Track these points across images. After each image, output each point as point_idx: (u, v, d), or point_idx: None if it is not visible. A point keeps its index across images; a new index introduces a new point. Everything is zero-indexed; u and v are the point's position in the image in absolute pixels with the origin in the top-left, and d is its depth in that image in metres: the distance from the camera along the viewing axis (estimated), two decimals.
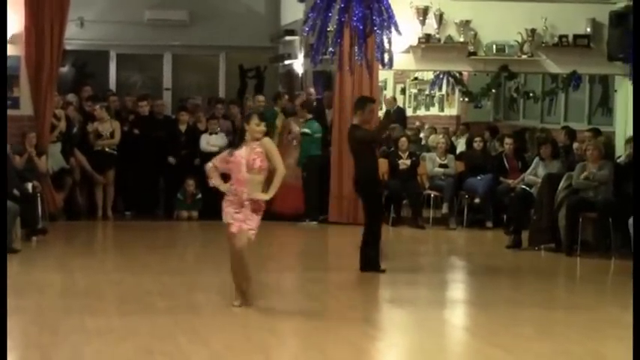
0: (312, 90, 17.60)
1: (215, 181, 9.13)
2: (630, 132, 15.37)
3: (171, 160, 15.75)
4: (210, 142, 15.80)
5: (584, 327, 8.84)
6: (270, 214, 15.26)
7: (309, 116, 15.93)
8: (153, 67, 22.60)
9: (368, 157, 11.21)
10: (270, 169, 9.00)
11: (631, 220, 11.37)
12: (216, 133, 15.91)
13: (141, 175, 15.72)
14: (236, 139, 9.38)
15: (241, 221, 8.86)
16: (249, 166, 8.86)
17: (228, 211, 8.98)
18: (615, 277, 11.66)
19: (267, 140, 9.09)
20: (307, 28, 14.60)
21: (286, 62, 21.38)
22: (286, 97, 17.03)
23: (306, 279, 11.33)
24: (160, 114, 16.41)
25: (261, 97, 17.10)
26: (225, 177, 9.21)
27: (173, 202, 15.73)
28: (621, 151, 14.95)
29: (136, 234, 14.38)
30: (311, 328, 8.49)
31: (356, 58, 14.31)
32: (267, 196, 8.93)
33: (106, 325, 8.30)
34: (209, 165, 9.24)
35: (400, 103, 23.03)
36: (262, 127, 9.02)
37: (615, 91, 16.82)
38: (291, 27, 20.30)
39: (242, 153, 8.94)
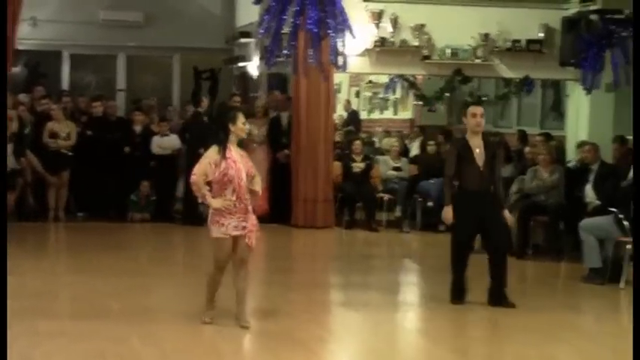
0: (276, 92, 17.41)
1: (209, 199, 8.19)
2: (581, 136, 15.56)
3: (127, 149, 15.66)
4: (161, 144, 15.76)
5: (536, 330, 8.91)
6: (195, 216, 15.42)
7: None
8: (107, 67, 22.47)
9: (459, 173, 9.84)
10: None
11: (581, 223, 11.48)
12: (167, 135, 15.86)
13: (94, 177, 15.61)
14: (219, 140, 8.25)
15: (250, 230, 8.33)
16: (248, 173, 8.29)
17: (230, 223, 8.23)
18: (566, 281, 11.77)
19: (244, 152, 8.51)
20: (262, 31, 14.66)
21: (241, 64, 21.36)
22: (237, 98, 16.91)
23: (261, 281, 11.32)
24: (113, 115, 16.33)
25: (236, 98, 16.99)
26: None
27: (126, 204, 15.66)
28: (572, 155, 15.10)
29: (89, 236, 14.28)
30: (265, 331, 8.48)
31: (310, 60, 14.38)
32: (258, 187, 8.40)
33: (57, 327, 8.23)
34: (197, 178, 8.18)
35: (355, 106, 23.11)
36: (248, 126, 8.48)
37: (567, 95, 17.00)
38: (246, 29, 20.29)
39: (236, 157, 8.24)
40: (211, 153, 8.26)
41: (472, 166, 9.68)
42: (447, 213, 9.72)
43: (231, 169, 8.17)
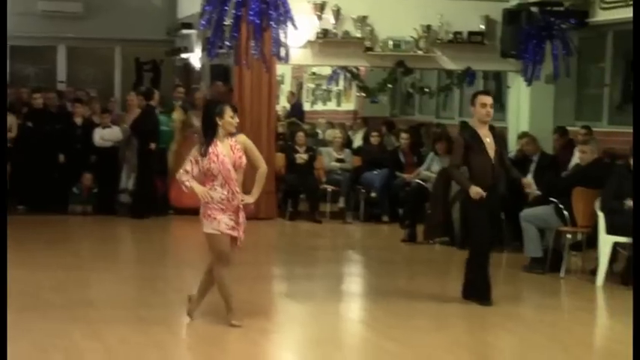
0: (219, 83, 17.35)
1: (190, 183, 8.02)
2: (522, 127, 15.71)
3: (62, 157, 15.52)
4: (104, 136, 15.65)
5: (476, 319, 9.00)
6: (172, 208, 15.41)
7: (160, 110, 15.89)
8: (47, 59, 22.25)
9: (469, 165, 9.45)
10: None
11: (522, 213, 11.60)
12: (109, 127, 15.75)
13: (35, 169, 15.44)
14: (206, 136, 8.09)
15: (239, 228, 8.14)
16: (235, 165, 8.03)
17: (221, 219, 8.06)
18: (507, 270, 11.86)
19: (244, 137, 8.28)
20: (204, 22, 14.59)
21: (183, 56, 21.26)
22: (181, 90, 16.88)
23: (201, 273, 11.28)
24: (53, 107, 16.17)
25: (181, 89, 16.96)
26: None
27: (67, 196, 15.51)
28: (513, 145, 15.23)
29: (30, 229, 14.12)
30: (208, 322, 8.47)
31: (253, 52, 14.36)
32: (252, 199, 8.20)
33: None
34: (180, 172, 8.11)
35: (298, 98, 23.12)
36: (237, 119, 8.20)
37: (508, 87, 17.14)
38: (188, 20, 20.18)
39: (222, 151, 8.02)
40: (194, 149, 8.16)
41: (484, 158, 9.31)
42: (475, 189, 9.17)
43: (213, 162, 7.99)
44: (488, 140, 9.36)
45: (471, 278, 9.51)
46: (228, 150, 8.05)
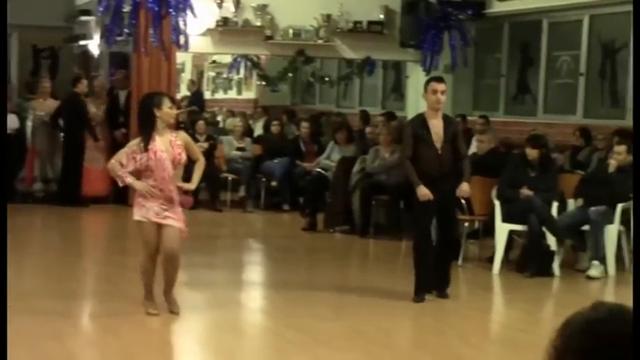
0: (123, 71, 17.17)
1: (129, 179, 7.88)
2: None
3: None
4: None
5: (376, 307, 9.07)
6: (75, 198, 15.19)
7: None
8: None
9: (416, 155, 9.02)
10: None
11: None
12: None
13: None
14: (143, 130, 7.91)
15: (173, 218, 7.98)
16: (175, 161, 7.86)
17: (150, 207, 7.86)
18: (406, 259, 11.97)
19: (183, 134, 8.22)
20: (102, 9, 14.45)
21: (81, 43, 20.95)
22: (84, 81, 16.66)
23: (103, 263, 11.19)
24: None
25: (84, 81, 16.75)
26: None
27: None
28: None
29: None
30: (106, 311, 8.40)
31: (152, 39, 14.25)
32: (192, 186, 8.19)
33: None
34: (113, 163, 7.95)
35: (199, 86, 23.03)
36: (175, 110, 8.07)
37: (407, 76, 17.32)
38: (86, 7, 19.90)
39: (160, 147, 7.81)
40: (132, 143, 8.00)
41: (429, 149, 8.87)
42: (422, 190, 8.82)
43: (150, 160, 7.81)
44: (437, 130, 8.91)
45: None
46: (167, 145, 7.88)
